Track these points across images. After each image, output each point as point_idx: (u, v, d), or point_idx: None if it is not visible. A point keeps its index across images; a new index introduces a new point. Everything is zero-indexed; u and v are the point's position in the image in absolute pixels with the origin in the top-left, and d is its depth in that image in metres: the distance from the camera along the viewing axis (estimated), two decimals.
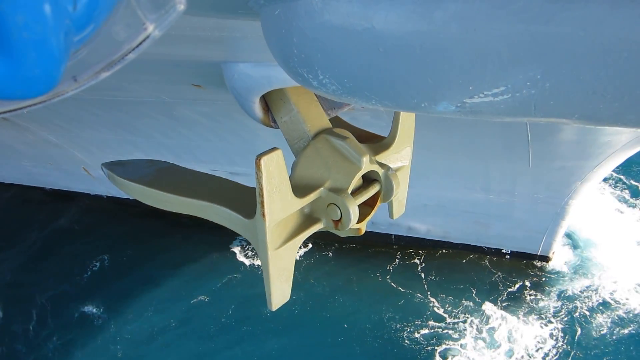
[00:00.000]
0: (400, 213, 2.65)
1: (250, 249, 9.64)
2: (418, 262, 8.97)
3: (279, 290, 2.07)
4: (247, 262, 9.51)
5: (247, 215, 1.98)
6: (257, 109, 2.43)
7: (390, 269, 8.94)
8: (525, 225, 7.75)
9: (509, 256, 8.53)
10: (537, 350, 7.60)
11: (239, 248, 9.73)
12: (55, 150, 9.17)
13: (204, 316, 8.67)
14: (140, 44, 0.85)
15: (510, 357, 7.58)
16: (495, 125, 5.38)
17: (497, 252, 8.56)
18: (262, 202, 1.81)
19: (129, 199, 10.45)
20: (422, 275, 8.78)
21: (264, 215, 1.84)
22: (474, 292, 8.40)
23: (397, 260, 9.04)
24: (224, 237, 9.49)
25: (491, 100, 1.00)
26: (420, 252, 9.05)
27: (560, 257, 8.61)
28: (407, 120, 2.48)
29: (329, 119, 2.40)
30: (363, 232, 2.26)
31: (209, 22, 1.81)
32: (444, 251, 8.93)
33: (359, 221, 2.17)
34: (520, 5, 0.89)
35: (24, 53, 0.64)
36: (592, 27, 0.85)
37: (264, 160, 1.74)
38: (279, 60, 1.31)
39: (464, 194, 7.35)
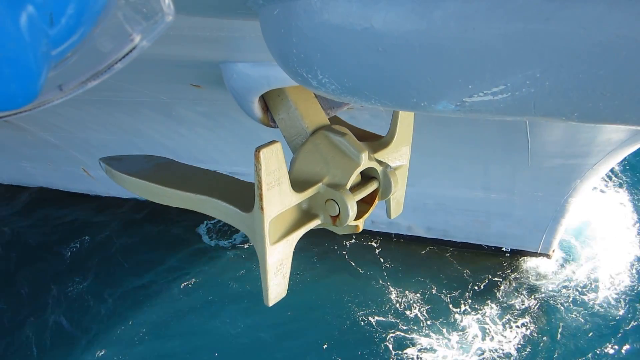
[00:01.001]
0: (398, 213, 2.65)
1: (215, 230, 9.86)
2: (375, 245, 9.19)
3: (276, 286, 2.05)
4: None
5: (245, 209, 1.97)
6: (256, 108, 2.43)
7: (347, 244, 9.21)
8: (525, 223, 7.76)
9: (509, 254, 8.54)
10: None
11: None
12: (55, 151, 9.17)
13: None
14: (128, 54, 0.84)
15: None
16: (494, 124, 5.38)
17: (497, 250, 8.56)
18: (260, 195, 1.81)
19: (127, 198, 10.45)
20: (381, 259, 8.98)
21: (262, 208, 1.83)
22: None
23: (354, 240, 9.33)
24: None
25: (490, 99, 1.00)
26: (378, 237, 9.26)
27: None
28: (406, 120, 2.48)
29: (328, 119, 2.40)
30: (361, 229, 2.26)
31: (207, 22, 1.81)
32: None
33: (357, 218, 2.17)
34: (519, 3, 0.89)
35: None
36: (592, 25, 0.85)
37: (263, 153, 1.74)
38: (278, 60, 1.31)
39: (464, 193, 7.35)
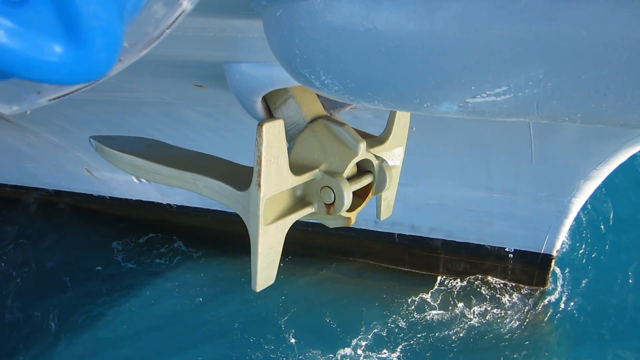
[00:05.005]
0: (387, 215, 2.65)
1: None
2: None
3: (265, 271, 2.03)
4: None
5: (240, 189, 1.95)
6: (259, 108, 2.43)
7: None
8: (529, 224, 7.73)
9: (512, 255, 8.51)
10: None
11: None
12: (58, 152, 9.18)
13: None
14: (176, 19, 0.91)
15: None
16: (497, 124, 5.37)
17: (500, 251, 8.54)
18: (259, 171, 1.79)
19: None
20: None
21: (259, 185, 1.81)
22: None
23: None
24: None
25: (493, 100, 1.00)
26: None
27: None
28: (402, 120, 2.49)
29: None
30: (353, 222, 2.25)
31: (211, 23, 1.81)
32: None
33: (350, 211, 2.17)
34: (522, 4, 0.89)
35: (93, 40, 0.69)
36: (595, 26, 0.85)
37: (265, 127, 1.72)
38: (281, 61, 1.32)
39: (467, 193, 7.34)
